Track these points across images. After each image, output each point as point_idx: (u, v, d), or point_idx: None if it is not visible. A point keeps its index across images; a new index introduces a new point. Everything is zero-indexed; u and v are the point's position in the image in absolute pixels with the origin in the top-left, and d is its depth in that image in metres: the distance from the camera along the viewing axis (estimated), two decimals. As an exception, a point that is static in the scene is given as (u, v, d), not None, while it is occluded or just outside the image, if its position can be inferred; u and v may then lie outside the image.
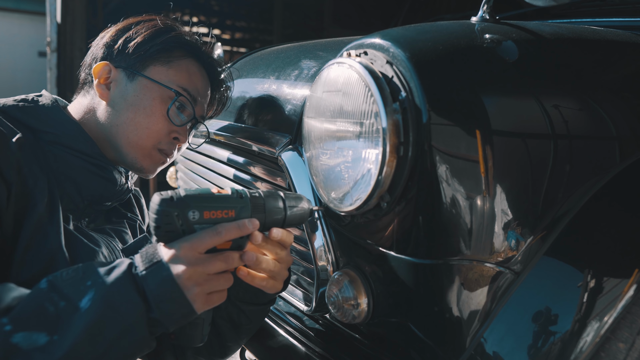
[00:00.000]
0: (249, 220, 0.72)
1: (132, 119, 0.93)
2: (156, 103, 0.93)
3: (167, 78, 0.95)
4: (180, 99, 0.95)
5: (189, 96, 0.97)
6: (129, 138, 0.93)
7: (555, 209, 0.74)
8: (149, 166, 0.97)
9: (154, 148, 0.96)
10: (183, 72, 0.97)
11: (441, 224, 0.69)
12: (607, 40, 0.91)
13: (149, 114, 0.93)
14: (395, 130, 0.67)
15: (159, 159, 0.97)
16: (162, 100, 0.94)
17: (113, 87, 0.94)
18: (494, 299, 0.72)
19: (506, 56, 0.73)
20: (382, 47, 0.72)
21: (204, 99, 1.03)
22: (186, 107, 0.97)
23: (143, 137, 0.93)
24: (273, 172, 1.02)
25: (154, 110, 0.93)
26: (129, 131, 0.93)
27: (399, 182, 0.69)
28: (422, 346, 0.74)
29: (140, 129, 0.93)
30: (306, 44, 1.32)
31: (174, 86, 0.95)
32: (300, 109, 0.99)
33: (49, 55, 4.79)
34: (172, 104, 0.94)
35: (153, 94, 0.94)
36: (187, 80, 0.97)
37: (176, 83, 0.96)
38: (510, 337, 0.70)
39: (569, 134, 0.74)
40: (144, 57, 0.95)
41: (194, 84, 0.99)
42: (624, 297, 0.70)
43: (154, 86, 0.94)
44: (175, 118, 0.96)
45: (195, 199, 0.69)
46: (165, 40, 0.97)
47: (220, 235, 0.69)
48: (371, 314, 0.78)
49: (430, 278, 0.71)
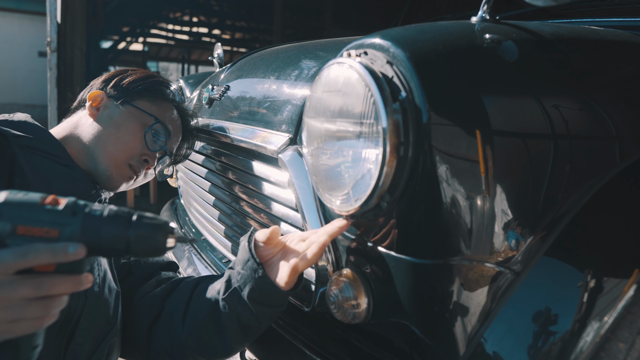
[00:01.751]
0: (73, 245, 0.59)
1: (113, 133, 1.07)
2: (136, 125, 1.09)
3: (150, 110, 1.12)
4: (157, 127, 1.11)
5: (165, 129, 1.13)
6: (106, 148, 1.05)
7: (555, 209, 0.74)
8: (117, 176, 1.07)
9: (126, 162, 1.07)
10: (163, 110, 1.15)
11: (441, 224, 0.69)
12: (607, 40, 0.91)
13: (128, 132, 1.08)
14: (395, 130, 0.67)
15: (127, 173, 1.08)
16: (143, 125, 1.10)
17: (102, 109, 1.10)
18: (494, 299, 0.72)
19: (506, 56, 0.73)
20: (382, 47, 0.72)
21: (175, 139, 1.19)
22: (160, 136, 1.13)
23: (119, 149, 1.06)
24: (273, 172, 1.02)
25: (134, 130, 1.08)
26: (109, 143, 1.06)
27: (399, 182, 0.69)
28: (422, 346, 0.74)
29: (118, 142, 1.06)
30: (306, 44, 1.32)
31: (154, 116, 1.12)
32: (300, 109, 0.99)
33: (49, 55, 4.79)
34: (150, 128, 1.10)
35: (136, 118, 1.10)
36: (165, 117, 1.15)
37: (157, 116, 1.12)
38: (510, 337, 0.70)
39: (569, 134, 0.74)
40: (134, 91, 1.13)
41: (170, 123, 1.16)
42: (624, 297, 0.70)
43: (138, 113, 1.11)
44: (149, 142, 1.10)
45: (12, 208, 0.58)
46: (154, 82, 1.17)
47: (25, 258, 0.58)
48: (371, 314, 0.78)
49: (430, 278, 0.71)
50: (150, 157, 1.11)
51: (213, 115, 1.38)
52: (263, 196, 1.07)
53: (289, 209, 0.99)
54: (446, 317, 0.72)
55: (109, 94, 1.12)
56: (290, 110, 1.02)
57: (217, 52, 1.87)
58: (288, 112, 1.03)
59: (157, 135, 1.12)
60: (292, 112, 1.01)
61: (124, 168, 1.07)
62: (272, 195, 1.03)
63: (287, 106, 1.04)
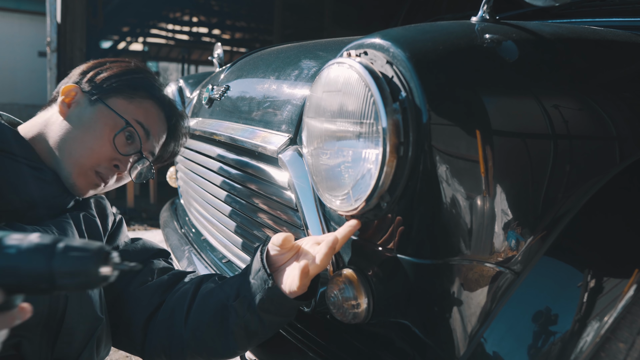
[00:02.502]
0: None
1: (80, 137, 0.97)
2: (106, 128, 0.99)
3: (125, 110, 1.01)
4: (129, 130, 1.00)
5: (141, 130, 1.03)
6: (71, 153, 0.97)
7: (555, 209, 0.74)
8: (81, 184, 0.98)
9: (92, 169, 0.98)
10: (142, 109, 1.04)
11: (441, 224, 0.69)
12: (607, 40, 0.91)
13: (96, 137, 0.98)
14: (395, 130, 0.67)
15: (93, 180, 0.99)
16: (113, 127, 0.99)
17: (73, 107, 1.00)
18: (494, 299, 0.72)
19: (506, 56, 0.73)
20: (382, 47, 0.72)
21: (156, 139, 1.08)
22: (135, 139, 1.02)
23: (84, 155, 0.97)
24: (273, 172, 1.02)
25: (102, 134, 0.98)
26: (73, 147, 0.97)
27: (399, 182, 0.69)
28: (422, 346, 0.74)
29: (84, 147, 0.97)
30: (306, 44, 1.32)
31: (128, 118, 1.01)
32: (300, 109, 0.99)
33: (49, 55, 4.80)
34: (120, 131, 0.99)
35: (106, 120, 0.99)
36: (143, 117, 1.04)
37: (132, 116, 1.02)
38: (510, 337, 0.70)
39: (569, 134, 0.74)
40: (109, 89, 1.02)
41: (149, 122, 1.05)
42: (624, 297, 0.70)
43: (110, 113, 1.00)
44: (121, 146, 1.00)
45: None
46: (132, 78, 1.05)
47: None
48: (371, 314, 0.78)
49: (430, 278, 0.71)
50: (122, 162, 1.01)
51: (213, 115, 1.38)
52: (263, 196, 1.07)
53: (289, 209, 0.99)
54: (446, 317, 0.72)
55: (83, 89, 1.02)
56: (290, 110, 1.02)
57: (217, 52, 1.87)
58: (288, 112, 1.03)
59: (131, 137, 1.01)
60: (292, 112, 1.01)
61: (90, 175, 0.99)
62: (272, 195, 1.03)
63: (287, 106, 1.04)
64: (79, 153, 0.97)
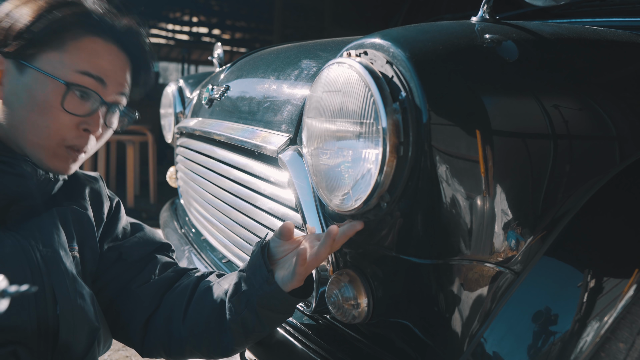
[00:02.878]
0: None
1: (27, 118, 0.80)
2: (51, 97, 0.80)
3: (60, 65, 0.80)
4: (75, 90, 0.81)
5: (91, 80, 0.82)
6: (28, 139, 0.81)
7: (555, 209, 0.74)
8: (57, 165, 0.84)
9: (59, 146, 0.82)
10: (82, 54, 0.82)
11: (441, 224, 0.69)
12: (607, 40, 0.91)
13: (44, 112, 0.80)
14: (395, 130, 0.67)
15: (67, 156, 0.84)
16: (58, 92, 0.80)
17: (5, 82, 0.82)
18: (494, 299, 0.72)
19: (506, 56, 0.73)
20: (382, 47, 0.72)
21: (118, 78, 0.87)
22: (90, 93, 0.82)
23: (43, 136, 0.81)
24: (273, 172, 1.02)
25: (49, 105, 0.80)
26: (28, 131, 0.81)
27: (399, 182, 0.69)
28: (422, 346, 0.74)
29: (38, 128, 0.80)
30: (306, 44, 1.32)
31: (67, 74, 0.80)
32: (300, 109, 0.99)
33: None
34: (66, 94, 0.80)
35: (45, 87, 0.80)
36: (87, 63, 0.82)
37: (74, 68, 0.81)
38: (510, 337, 0.70)
39: (569, 134, 0.74)
40: (32, 44, 0.80)
41: (98, 65, 0.83)
42: (624, 297, 0.70)
43: (44, 78, 0.80)
44: (77, 108, 0.81)
45: None
46: (56, 20, 0.80)
47: None
48: (371, 314, 0.78)
49: (431, 278, 0.71)
50: (90, 124, 0.83)
51: (213, 115, 1.38)
52: (263, 196, 1.07)
53: (289, 209, 0.99)
54: (446, 317, 0.71)
55: (4, 54, 0.81)
56: (290, 110, 1.02)
57: (217, 52, 1.87)
58: (288, 112, 1.03)
59: (85, 94, 0.82)
60: (292, 112, 1.01)
61: (61, 153, 0.83)
62: (272, 195, 1.02)
63: (287, 106, 1.04)
64: (37, 136, 0.81)
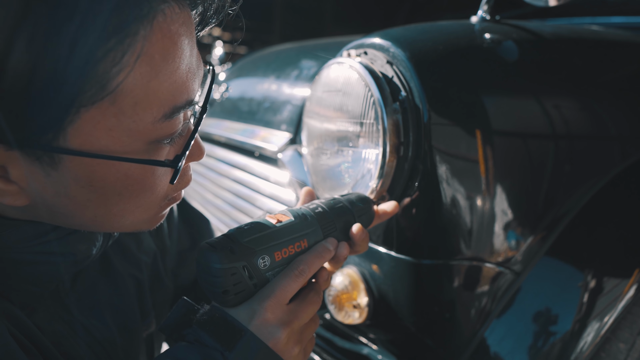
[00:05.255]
0: (327, 241, 0.59)
1: (105, 213, 0.50)
2: (139, 180, 0.48)
3: (130, 121, 0.43)
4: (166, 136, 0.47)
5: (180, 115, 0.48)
6: (117, 226, 0.53)
7: (555, 208, 0.74)
8: (157, 221, 0.58)
9: (162, 207, 0.55)
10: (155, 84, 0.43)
11: (441, 224, 0.69)
12: (607, 40, 0.91)
13: (132, 197, 0.49)
14: (395, 130, 0.67)
15: (167, 207, 0.57)
16: (149, 174, 0.49)
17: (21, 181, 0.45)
18: (494, 299, 0.72)
19: (506, 56, 0.73)
20: (382, 47, 0.72)
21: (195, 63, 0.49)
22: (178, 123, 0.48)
23: (139, 214, 0.52)
24: (273, 172, 1.02)
25: (141, 188, 0.49)
26: (112, 221, 0.52)
27: (399, 182, 0.69)
28: (422, 346, 0.74)
29: (128, 212, 0.51)
30: (306, 44, 1.32)
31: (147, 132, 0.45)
32: (300, 109, 0.99)
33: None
34: (177, 174, 0.49)
35: (117, 173, 0.46)
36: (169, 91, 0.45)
37: (151, 118, 0.44)
38: (510, 337, 0.70)
39: (569, 134, 0.74)
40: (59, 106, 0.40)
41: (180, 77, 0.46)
42: (624, 297, 0.70)
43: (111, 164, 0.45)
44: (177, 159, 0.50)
45: (258, 241, 0.53)
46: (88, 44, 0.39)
47: (304, 275, 0.55)
48: (371, 314, 0.78)
49: (430, 278, 0.71)
50: (194, 154, 0.55)
51: (213, 115, 1.38)
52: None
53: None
54: (446, 317, 0.71)
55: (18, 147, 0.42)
56: (290, 110, 1.02)
57: (217, 52, 1.87)
58: (288, 112, 1.03)
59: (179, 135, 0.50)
60: (292, 112, 1.01)
61: (164, 210, 0.57)
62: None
63: (287, 106, 1.04)
64: (129, 219, 0.52)
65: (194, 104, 0.50)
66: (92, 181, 0.45)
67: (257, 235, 0.54)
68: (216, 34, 9.45)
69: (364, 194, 0.67)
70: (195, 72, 0.49)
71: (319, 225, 0.59)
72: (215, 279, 0.51)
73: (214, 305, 0.53)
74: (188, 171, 0.57)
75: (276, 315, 0.52)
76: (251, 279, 0.52)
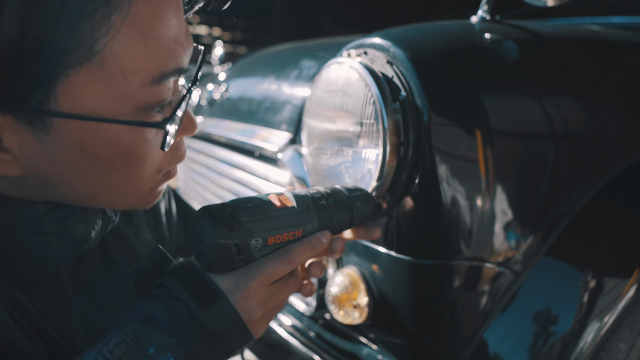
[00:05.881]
0: (322, 234, 0.59)
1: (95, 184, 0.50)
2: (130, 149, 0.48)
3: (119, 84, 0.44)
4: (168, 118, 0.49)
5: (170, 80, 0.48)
6: (110, 200, 0.54)
7: (555, 209, 0.74)
8: (155, 199, 0.59)
9: (154, 181, 0.56)
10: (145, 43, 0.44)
11: (441, 224, 0.69)
12: (607, 40, 0.91)
13: (123, 167, 0.49)
14: (395, 131, 0.67)
15: (162, 182, 0.58)
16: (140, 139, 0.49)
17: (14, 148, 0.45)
18: (494, 299, 0.72)
19: (506, 56, 0.73)
20: (382, 47, 0.72)
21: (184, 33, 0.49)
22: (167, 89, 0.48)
23: (132, 187, 0.53)
24: (273, 172, 1.02)
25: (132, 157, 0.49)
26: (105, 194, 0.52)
27: (399, 182, 0.69)
28: (422, 346, 0.74)
29: (121, 185, 0.52)
30: (306, 44, 1.32)
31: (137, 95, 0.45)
32: (300, 109, 0.99)
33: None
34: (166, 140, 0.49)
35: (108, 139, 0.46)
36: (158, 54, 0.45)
37: (141, 81, 0.45)
38: (510, 337, 0.70)
39: (569, 134, 0.74)
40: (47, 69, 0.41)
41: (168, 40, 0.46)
42: (625, 297, 0.70)
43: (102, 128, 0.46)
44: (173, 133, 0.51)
45: (257, 224, 0.54)
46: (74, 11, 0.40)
47: (293, 264, 0.56)
48: (371, 314, 0.78)
49: (430, 278, 0.71)
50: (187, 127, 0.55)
51: (213, 115, 1.38)
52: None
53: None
54: (446, 317, 0.71)
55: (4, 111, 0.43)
56: (290, 110, 1.02)
57: (217, 52, 1.88)
58: (288, 112, 1.03)
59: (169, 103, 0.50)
60: (292, 112, 1.01)
61: (159, 185, 0.57)
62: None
63: (287, 106, 1.04)
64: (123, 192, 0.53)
65: (183, 72, 0.50)
66: (83, 147, 0.46)
67: (257, 216, 0.54)
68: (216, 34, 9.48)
69: (367, 190, 0.67)
70: (183, 43, 0.49)
71: (318, 218, 0.59)
72: (206, 249, 0.52)
73: (191, 262, 0.55)
74: (181, 145, 0.58)
75: (257, 295, 0.55)
76: (239, 256, 0.54)
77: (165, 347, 0.48)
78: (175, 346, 0.49)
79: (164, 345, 0.48)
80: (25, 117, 0.43)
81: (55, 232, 0.55)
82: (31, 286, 0.56)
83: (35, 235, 0.53)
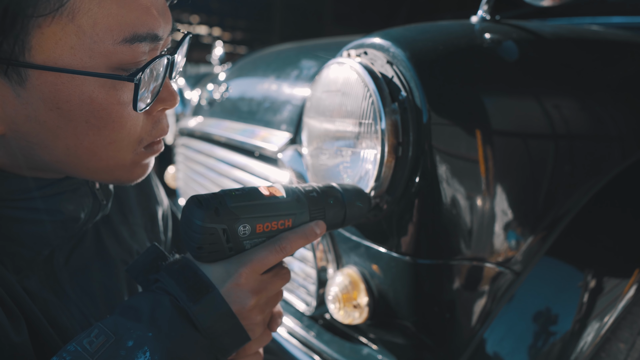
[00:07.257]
0: (316, 224, 0.59)
1: (73, 146, 0.51)
2: (103, 105, 0.49)
3: (86, 44, 0.46)
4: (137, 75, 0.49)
5: (144, 43, 0.49)
6: (89, 167, 0.54)
7: (555, 209, 0.74)
8: (140, 174, 0.59)
9: (135, 153, 0.56)
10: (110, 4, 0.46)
11: (441, 224, 0.69)
12: (607, 40, 0.91)
13: (99, 128, 0.50)
14: (393, 131, 0.67)
15: (145, 156, 0.58)
16: (113, 94, 0.49)
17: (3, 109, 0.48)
18: (494, 299, 0.72)
19: (506, 56, 0.73)
20: (382, 47, 0.72)
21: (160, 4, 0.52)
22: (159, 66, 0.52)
23: (111, 155, 0.53)
24: (273, 172, 1.02)
25: (106, 116, 0.50)
26: (84, 161, 0.53)
27: (399, 183, 0.69)
28: (422, 346, 0.74)
29: (100, 150, 0.52)
30: (306, 44, 1.32)
31: (106, 53, 0.47)
32: (300, 109, 0.99)
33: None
34: (137, 95, 0.50)
35: (81, 94, 0.48)
36: (126, 16, 0.47)
37: (111, 40, 0.47)
38: (510, 337, 0.70)
39: (569, 134, 0.74)
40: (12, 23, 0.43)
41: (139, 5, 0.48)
42: (625, 297, 0.70)
43: (76, 80, 0.47)
44: (144, 95, 0.52)
45: (245, 210, 0.54)
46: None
47: (285, 252, 0.56)
48: (371, 314, 0.78)
49: (430, 278, 0.71)
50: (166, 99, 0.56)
51: (213, 115, 1.38)
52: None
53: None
54: (446, 317, 0.71)
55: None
56: (290, 110, 1.02)
57: (217, 52, 1.88)
58: (288, 112, 1.03)
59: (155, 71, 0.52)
60: (292, 112, 1.01)
61: (141, 158, 0.57)
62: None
63: (287, 106, 1.04)
64: (101, 159, 0.53)
65: (158, 40, 0.51)
66: (58, 102, 0.48)
67: (245, 203, 0.55)
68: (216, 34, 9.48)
69: (364, 189, 0.67)
70: (160, 10, 0.51)
71: (308, 209, 0.59)
72: (194, 233, 0.52)
73: (186, 257, 0.55)
74: (163, 119, 0.58)
75: (249, 283, 0.54)
76: (227, 243, 0.54)
77: (143, 340, 0.48)
78: (152, 339, 0.48)
79: (142, 338, 0.48)
80: (1, 69, 0.45)
81: (46, 209, 0.56)
82: (23, 268, 0.57)
83: (27, 211, 0.54)
